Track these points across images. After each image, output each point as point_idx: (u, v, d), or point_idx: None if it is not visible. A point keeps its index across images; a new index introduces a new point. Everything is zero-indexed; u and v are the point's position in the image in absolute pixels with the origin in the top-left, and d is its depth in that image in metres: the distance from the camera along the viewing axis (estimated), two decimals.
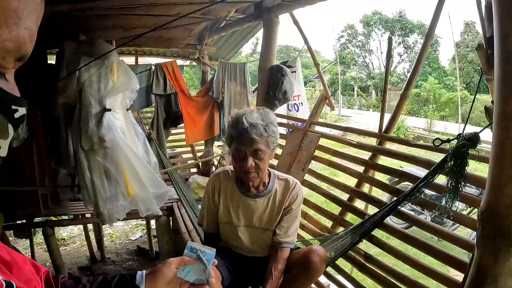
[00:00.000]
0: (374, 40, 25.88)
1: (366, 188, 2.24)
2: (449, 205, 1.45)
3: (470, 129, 1.51)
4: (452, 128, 12.01)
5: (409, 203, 1.72)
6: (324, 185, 2.44)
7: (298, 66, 3.12)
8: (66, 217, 3.43)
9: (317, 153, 2.50)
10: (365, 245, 1.86)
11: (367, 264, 1.82)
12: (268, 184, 1.66)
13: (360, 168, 2.17)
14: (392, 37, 24.39)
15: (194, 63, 4.87)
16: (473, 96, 15.09)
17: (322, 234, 2.11)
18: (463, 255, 3.61)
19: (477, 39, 17.82)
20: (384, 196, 3.82)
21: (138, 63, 4.41)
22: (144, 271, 0.84)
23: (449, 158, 1.41)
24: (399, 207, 1.61)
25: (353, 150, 2.84)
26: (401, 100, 2.12)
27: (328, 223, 2.23)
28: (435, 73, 20.82)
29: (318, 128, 2.66)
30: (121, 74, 2.54)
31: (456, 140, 1.42)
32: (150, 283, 0.82)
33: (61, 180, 3.25)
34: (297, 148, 2.61)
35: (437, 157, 1.60)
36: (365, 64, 26.11)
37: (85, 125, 2.41)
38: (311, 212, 2.36)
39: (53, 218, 3.39)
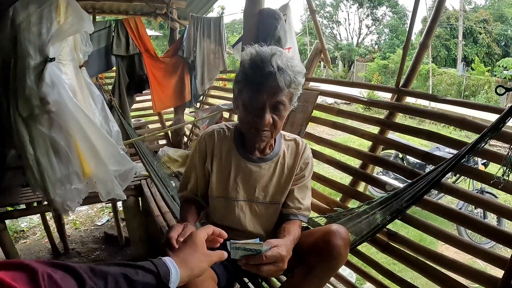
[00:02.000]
0: (342, 11, 25.50)
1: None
2: (509, 170, 1.11)
3: None
4: (421, 100, 12.14)
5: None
6: (327, 151, 2.04)
7: (289, 14, 2.65)
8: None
9: (315, 113, 2.10)
10: None
11: (392, 244, 1.49)
12: (274, 145, 1.30)
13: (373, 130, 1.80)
14: (361, 9, 24.25)
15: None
16: (440, 69, 15.51)
17: (331, 209, 1.73)
18: (447, 226, 3.52)
19: (445, 14, 17.95)
20: None
21: (96, 22, 3.74)
22: (174, 265, 0.74)
23: None
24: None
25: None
26: (420, 49, 1.83)
27: (335, 196, 1.86)
28: (399, 44, 20.89)
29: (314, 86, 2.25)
30: (70, 14, 1.94)
31: None
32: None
33: (12, 163, 2.64)
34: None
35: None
36: (333, 36, 25.73)
37: (22, 82, 1.81)
38: (314, 184, 1.97)
39: (10, 209, 2.80)
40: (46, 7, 1.85)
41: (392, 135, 3.62)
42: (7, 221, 2.62)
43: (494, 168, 1.19)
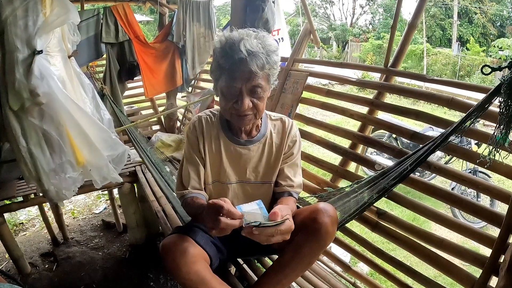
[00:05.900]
0: None
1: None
2: (494, 150, 1.12)
3: None
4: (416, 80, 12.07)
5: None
6: (316, 132, 2.05)
7: None
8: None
9: (305, 95, 2.11)
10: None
11: (381, 222, 1.53)
12: (261, 127, 1.32)
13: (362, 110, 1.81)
14: None
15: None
16: (435, 49, 15.32)
17: (321, 189, 1.77)
18: (440, 206, 3.54)
19: None
20: None
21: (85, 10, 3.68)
22: None
23: (503, 90, 1.03)
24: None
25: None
26: (409, 29, 1.84)
27: (326, 176, 1.89)
28: (397, 26, 20.65)
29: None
30: (55, 5, 1.93)
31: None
32: None
33: (7, 157, 2.64)
34: (279, 91, 2.21)
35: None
36: (326, 16, 25.32)
37: (11, 76, 1.81)
38: (305, 164, 1.99)
39: (7, 202, 2.81)
40: (31, 0, 1.84)
41: (387, 115, 3.62)
42: (5, 215, 2.65)
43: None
